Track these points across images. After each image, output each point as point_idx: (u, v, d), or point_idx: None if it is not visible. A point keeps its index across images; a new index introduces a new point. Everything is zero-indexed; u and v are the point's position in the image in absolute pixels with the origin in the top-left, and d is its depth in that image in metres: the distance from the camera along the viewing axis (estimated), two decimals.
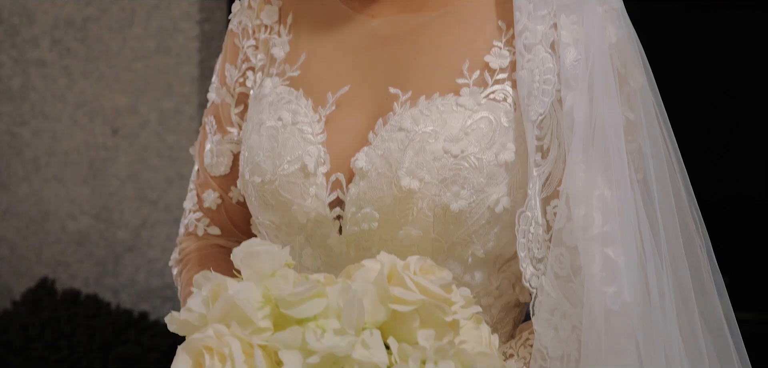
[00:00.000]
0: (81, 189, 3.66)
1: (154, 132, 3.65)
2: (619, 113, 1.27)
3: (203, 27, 3.62)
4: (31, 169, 3.67)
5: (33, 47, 3.64)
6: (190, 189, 1.50)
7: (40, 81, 3.65)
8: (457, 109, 1.27)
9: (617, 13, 1.31)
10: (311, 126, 1.31)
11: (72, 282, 3.63)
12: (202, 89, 3.64)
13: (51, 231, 3.68)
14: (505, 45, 1.30)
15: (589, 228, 1.20)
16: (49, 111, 3.65)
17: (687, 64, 3.49)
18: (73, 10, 3.62)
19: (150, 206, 3.68)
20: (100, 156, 3.66)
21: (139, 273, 3.69)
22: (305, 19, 1.40)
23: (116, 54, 3.62)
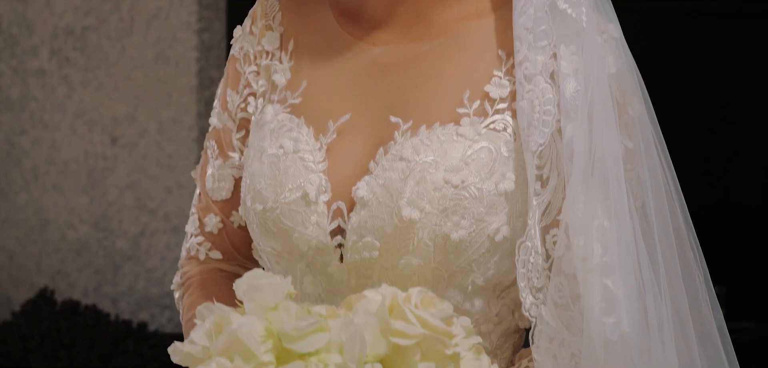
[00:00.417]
0: (80, 198, 3.67)
1: (153, 141, 3.66)
2: (618, 142, 1.28)
3: (202, 37, 3.63)
4: (31, 177, 3.68)
5: (32, 57, 3.65)
6: (192, 213, 1.50)
7: (40, 90, 3.66)
8: (457, 138, 1.28)
9: (616, 43, 1.32)
10: (312, 154, 1.33)
11: (71, 291, 3.64)
12: (201, 98, 3.65)
13: (50, 240, 3.69)
14: (505, 74, 1.31)
15: (588, 258, 1.22)
16: (48, 120, 3.66)
17: (687, 73, 3.50)
18: (72, 19, 3.63)
19: (149, 215, 3.69)
20: (99, 165, 3.67)
21: (138, 282, 3.70)
22: (306, 46, 1.41)
23: (115, 63, 3.64)
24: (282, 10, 1.44)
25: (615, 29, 1.33)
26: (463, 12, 1.35)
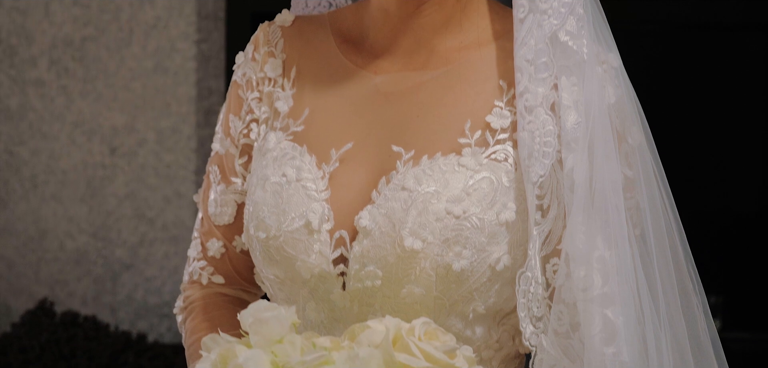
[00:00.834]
0: (79, 208, 3.68)
1: (152, 151, 3.67)
2: (618, 172, 1.29)
3: (200, 47, 3.64)
4: (30, 187, 3.69)
5: (31, 67, 3.66)
6: (194, 237, 1.51)
7: (39, 100, 3.67)
8: (459, 169, 1.29)
9: (616, 72, 1.33)
10: (315, 182, 1.33)
11: (70, 300, 3.65)
12: (200, 108, 3.66)
13: (49, 249, 3.70)
14: (506, 105, 1.32)
15: (588, 289, 1.23)
16: (47, 130, 3.67)
17: (685, 81, 3.52)
18: (71, 30, 3.64)
19: (148, 224, 3.70)
20: (98, 175, 3.67)
21: (137, 291, 3.71)
22: (309, 73, 1.41)
23: (114, 73, 3.64)
24: (284, 36, 1.45)
25: (615, 59, 1.34)
26: (465, 42, 1.37)
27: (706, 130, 3.51)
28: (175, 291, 3.69)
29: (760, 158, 3.51)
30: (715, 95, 3.50)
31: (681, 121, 3.51)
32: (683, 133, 3.52)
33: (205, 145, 3.68)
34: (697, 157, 3.51)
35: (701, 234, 3.55)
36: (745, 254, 3.55)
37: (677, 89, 3.50)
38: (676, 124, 3.51)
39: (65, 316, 3.28)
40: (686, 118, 3.51)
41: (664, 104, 3.50)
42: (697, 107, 3.50)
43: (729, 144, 3.52)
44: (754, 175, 3.53)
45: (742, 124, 3.51)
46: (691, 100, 3.50)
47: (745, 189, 3.54)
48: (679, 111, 3.51)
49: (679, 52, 3.51)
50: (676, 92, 3.50)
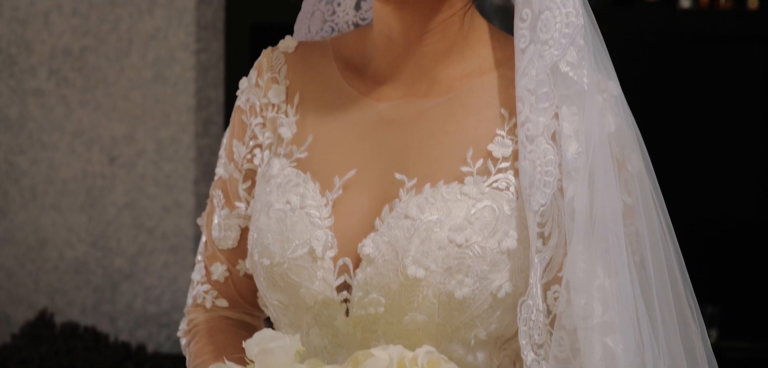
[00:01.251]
0: (78, 218, 3.69)
1: (151, 161, 3.68)
2: (618, 200, 1.31)
3: (200, 57, 3.65)
4: (29, 197, 3.70)
5: (31, 77, 3.67)
6: (198, 261, 1.52)
7: (38, 110, 3.68)
8: (461, 197, 1.31)
9: (616, 100, 1.35)
10: (319, 210, 1.35)
11: (69, 310, 3.66)
12: (199, 118, 3.67)
13: (48, 258, 3.71)
14: (507, 134, 1.34)
15: (588, 318, 1.25)
16: (46, 140, 3.68)
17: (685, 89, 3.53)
18: (70, 40, 3.65)
19: (147, 234, 3.71)
20: (97, 184, 3.68)
21: (136, 300, 3.72)
22: (312, 99, 1.43)
23: (113, 83, 3.65)
24: (287, 63, 1.46)
25: (614, 87, 1.36)
26: (467, 70, 1.38)
27: (704, 138, 3.53)
28: (174, 300, 3.70)
29: (758, 166, 3.53)
30: (714, 103, 3.52)
31: (680, 128, 3.53)
32: (682, 140, 3.53)
33: (204, 154, 3.69)
34: (695, 164, 3.53)
35: (698, 242, 3.56)
36: (743, 262, 3.56)
37: (678, 97, 3.52)
38: (675, 131, 3.53)
39: (65, 327, 3.30)
40: (685, 126, 3.53)
41: (664, 112, 3.52)
42: (696, 115, 3.52)
43: (727, 152, 3.53)
44: (752, 182, 3.54)
45: (740, 131, 3.53)
46: (690, 108, 3.52)
47: (743, 196, 3.56)
48: (678, 118, 3.52)
49: (679, 61, 3.53)
50: (676, 100, 3.52)
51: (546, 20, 1.32)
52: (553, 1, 1.31)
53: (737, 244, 3.57)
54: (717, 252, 3.58)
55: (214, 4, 3.64)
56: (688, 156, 3.55)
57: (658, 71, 3.53)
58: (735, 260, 3.58)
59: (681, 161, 3.55)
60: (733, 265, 3.58)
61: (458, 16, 1.37)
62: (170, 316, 3.71)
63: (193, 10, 3.63)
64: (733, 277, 3.58)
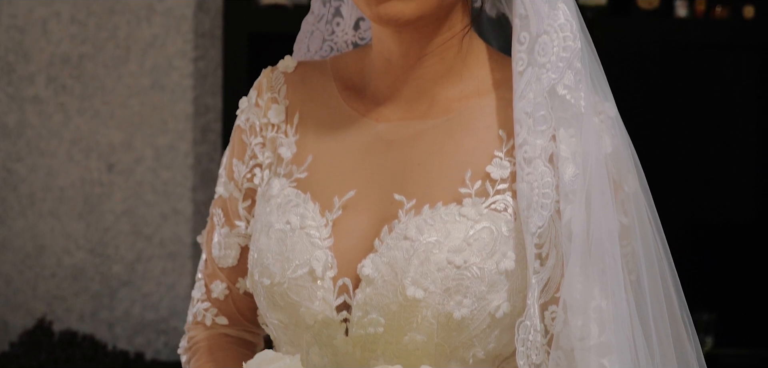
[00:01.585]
0: (76, 225, 3.70)
1: (149, 168, 3.69)
2: (614, 220, 1.32)
3: (197, 64, 3.66)
4: (27, 204, 3.70)
5: (29, 84, 3.67)
6: (198, 279, 1.53)
7: (36, 118, 3.68)
8: (459, 219, 1.32)
9: (612, 121, 1.36)
10: (318, 230, 1.36)
11: (67, 317, 3.67)
12: (197, 126, 3.68)
13: (46, 265, 3.71)
14: (505, 155, 1.35)
15: (585, 339, 1.26)
16: (44, 147, 3.69)
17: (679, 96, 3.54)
18: (68, 47, 3.65)
19: (145, 241, 3.72)
20: (95, 191, 3.69)
21: (135, 307, 3.73)
22: (311, 120, 1.44)
23: (111, 91, 3.66)
24: (287, 82, 1.47)
25: (611, 108, 1.37)
26: (465, 91, 1.39)
27: (700, 145, 3.54)
28: (172, 307, 3.71)
29: (754, 172, 3.54)
30: (710, 111, 3.53)
31: (676, 136, 3.54)
32: (678, 147, 3.55)
33: (202, 161, 3.70)
34: (691, 171, 3.54)
35: (694, 249, 3.57)
36: (738, 268, 3.58)
37: (674, 105, 3.53)
38: (671, 138, 3.54)
39: (64, 336, 3.31)
40: (681, 133, 3.55)
41: (660, 119, 3.53)
42: (691, 122, 3.53)
43: (723, 158, 3.55)
44: (747, 188, 3.56)
45: (735, 139, 3.54)
46: (686, 116, 3.53)
47: (738, 202, 3.57)
48: (674, 126, 3.54)
49: (675, 69, 3.54)
50: (672, 107, 3.53)
51: (543, 44, 1.33)
52: (551, 25, 1.33)
53: (732, 250, 3.59)
54: (712, 259, 3.60)
55: (212, 12, 3.65)
56: (684, 162, 3.57)
57: (655, 79, 3.55)
58: (730, 266, 3.59)
59: (677, 167, 3.56)
60: (729, 272, 3.59)
61: (457, 39, 1.38)
62: (168, 323, 3.72)
63: (191, 18, 3.64)
64: (729, 283, 3.59)
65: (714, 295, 3.56)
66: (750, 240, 3.57)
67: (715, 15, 3.35)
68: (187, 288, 3.70)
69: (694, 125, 3.55)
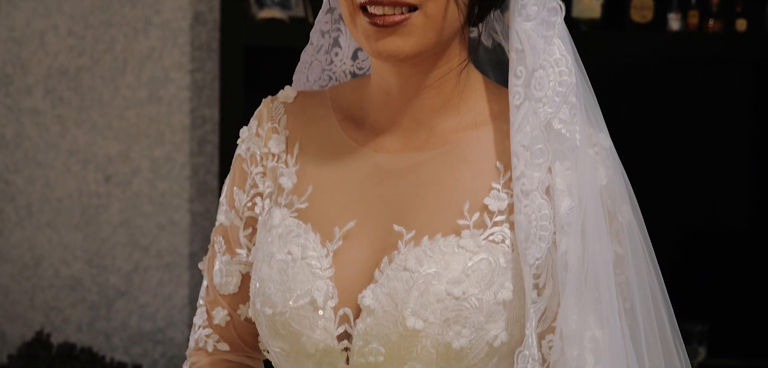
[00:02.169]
0: (74, 236, 3.72)
1: (146, 179, 3.71)
2: (609, 251, 1.35)
3: (194, 76, 3.68)
4: (25, 215, 3.72)
5: (26, 96, 3.69)
6: (200, 305, 1.56)
7: (34, 129, 3.70)
8: (458, 251, 1.34)
9: (606, 152, 1.39)
10: (319, 261, 1.38)
11: (65, 327, 3.68)
12: (194, 137, 3.70)
13: (44, 276, 3.73)
14: (502, 187, 1.38)
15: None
16: (42, 158, 3.70)
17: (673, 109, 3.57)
18: (66, 60, 3.67)
19: (142, 252, 3.74)
20: (92, 203, 3.71)
21: (132, 318, 3.75)
22: (312, 149, 1.46)
23: (108, 103, 3.68)
24: (287, 112, 1.49)
25: (605, 139, 1.40)
26: (462, 122, 1.42)
27: (692, 157, 3.57)
28: (169, 317, 3.73)
29: (747, 184, 3.57)
30: (703, 123, 3.56)
31: (670, 147, 3.57)
32: (671, 159, 3.57)
33: (198, 173, 3.72)
34: (685, 182, 3.57)
35: (687, 261, 3.60)
36: (730, 279, 3.60)
37: (667, 117, 3.56)
38: (665, 150, 3.57)
39: (62, 348, 3.32)
40: (674, 145, 3.57)
41: (654, 131, 3.56)
42: (684, 135, 3.56)
43: (716, 171, 3.57)
44: (741, 200, 3.58)
45: (728, 151, 3.57)
46: (679, 128, 3.56)
47: (730, 214, 3.59)
48: (668, 138, 3.56)
49: (668, 82, 3.57)
50: (666, 120, 3.56)
51: (540, 78, 1.36)
52: (547, 60, 1.35)
53: (725, 261, 3.61)
54: (705, 270, 3.62)
55: (208, 24, 3.67)
56: (677, 172, 3.59)
57: (648, 91, 3.57)
58: (723, 277, 3.61)
59: (671, 177, 3.59)
60: (721, 283, 3.62)
61: (455, 73, 1.41)
62: (165, 333, 3.74)
63: (187, 31, 3.66)
64: (722, 294, 3.62)
65: (707, 305, 3.59)
66: (742, 249, 3.60)
67: (707, 28, 3.38)
68: (184, 299, 3.72)
69: (687, 137, 3.57)
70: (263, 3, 3.48)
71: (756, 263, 3.59)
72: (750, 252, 3.59)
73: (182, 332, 3.73)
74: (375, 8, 1.35)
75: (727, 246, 3.61)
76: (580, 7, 3.37)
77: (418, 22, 1.35)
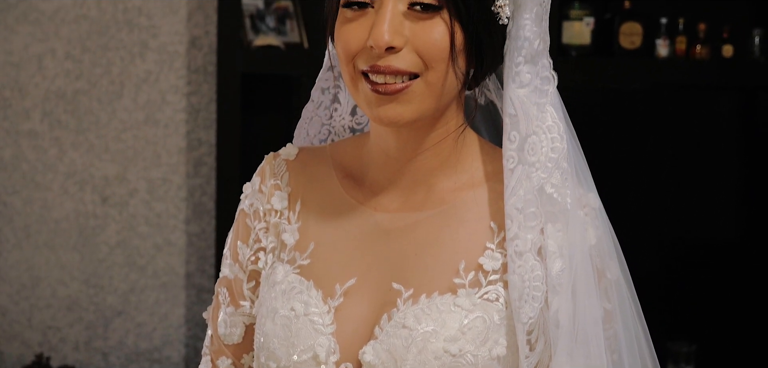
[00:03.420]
0: (71, 256, 3.75)
1: (143, 200, 3.74)
2: (598, 307, 1.41)
3: (190, 99, 3.71)
4: (23, 236, 3.76)
5: (25, 119, 3.73)
6: (204, 354, 1.60)
7: (32, 151, 3.73)
8: (454, 309, 1.40)
9: (595, 212, 1.44)
10: (321, 317, 1.44)
11: (63, 346, 3.72)
12: (189, 159, 3.74)
13: (42, 296, 3.77)
14: (497, 247, 1.43)
15: None
16: (40, 180, 3.74)
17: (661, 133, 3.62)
18: (63, 83, 3.71)
19: (139, 272, 3.77)
20: (89, 223, 3.74)
21: (129, 337, 3.79)
22: (313, 207, 1.51)
23: (105, 125, 3.71)
24: (289, 170, 1.54)
25: (594, 199, 1.46)
26: (458, 182, 1.47)
27: (680, 182, 3.62)
28: (165, 336, 3.77)
29: (735, 204, 3.61)
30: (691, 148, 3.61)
31: (658, 171, 3.62)
32: (660, 183, 3.62)
33: (194, 194, 3.76)
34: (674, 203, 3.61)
35: (674, 282, 3.64)
36: (718, 300, 3.64)
37: (656, 141, 3.61)
38: (653, 174, 3.62)
39: None
40: (663, 170, 3.62)
41: (643, 155, 3.61)
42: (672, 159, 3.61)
43: (705, 194, 3.62)
44: (728, 223, 3.63)
45: (715, 176, 3.62)
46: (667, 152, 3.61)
47: (717, 234, 3.64)
48: (656, 162, 3.61)
49: (657, 107, 3.62)
50: (654, 144, 3.61)
51: (533, 144, 1.41)
52: (539, 127, 1.41)
53: (712, 283, 3.65)
54: (693, 291, 3.66)
55: (204, 48, 3.70)
56: (665, 196, 3.64)
57: (637, 116, 3.62)
58: (710, 298, 3.66)
59: (658, 202, 3.63)
60: (708, 304, 3.66)
61: (452, 136, 1.46)
62: (161, 352, 3.78)
63: (183, 55, 3.70)
64: (709, 315, 3.66)
65: (695, 327, 3.63)
66: (729, 269, 3.64)
67: (694, 54, 3.43)
68: (180, 318, 3.76)
69: (674, 160, 3.62)
70: (259, 29, 3.51)
71: (743, 283, 3.64)
72: (737, 272, 3.64)
73: (178, 351, 3.78)
74: (377, 76, 1.40)
75: (715, 265, 3.66)
76: (571, 34, 3.42)
77: (418, 89, 1.40)
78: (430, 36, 1.38)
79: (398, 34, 1.38)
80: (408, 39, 1.39)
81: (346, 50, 1.42)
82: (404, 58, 1.39)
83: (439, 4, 1.38)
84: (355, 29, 1.41)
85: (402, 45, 1.39)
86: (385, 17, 1.38)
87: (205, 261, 3.70)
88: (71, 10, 3.69)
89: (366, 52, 1.41)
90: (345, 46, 1.42)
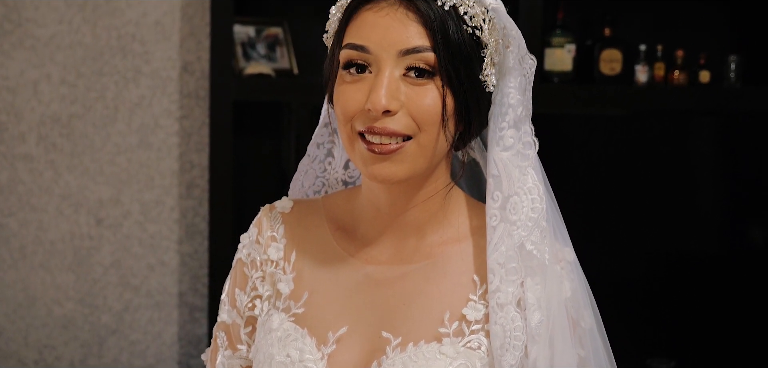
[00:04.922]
0: (66, 276, 3.79)
1: (137, 222, 3.79)
2: (573, 355, 1.51)
3: (183, 123, 3.76)
4: (19, 257, 3.80)
5: (20, 143, 3.77)
6: None
7: (27, 174, 3.78)
8: (440, 356, 1.49)
9: (571, 266, 1.54)
10: (315, 363, 1.53)
11: (58, 365, 3.76)
12: (182, 182, 3.79)
13: (37, 315, 3.81)
14: (479, 299, 1.52)
15: None
16: (35, 202, 3.78)
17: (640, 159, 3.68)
18: (58, 108, 3.75)
19: (132, 292, 3.82)
20: (84, 245, 3.79)
21: (123, 355, 3.84)
22: (307, 258, 1.60)
23: (100, 149, 3.76)
24: (284, 222, 1.63)
25: (569, 253, 1.56)
26: (445, 236, 1.56)
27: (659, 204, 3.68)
28: (158, 354, 3.83)
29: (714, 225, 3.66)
30: (669, 172, 3.67)
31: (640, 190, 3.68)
32: (639, 206, 3.68)
33: (187, 215, 3.81)
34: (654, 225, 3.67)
35: (653, 299, 3.70)
36: (696, 316, 3.70)
37: (634, 167, 3.67)
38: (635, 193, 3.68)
39: None
40: (641, 194, 3.68)
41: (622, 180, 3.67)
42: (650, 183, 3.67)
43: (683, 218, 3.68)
44: (707, 244, 3.69)
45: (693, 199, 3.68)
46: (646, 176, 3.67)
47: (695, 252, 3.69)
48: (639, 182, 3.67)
49: (636, 132, 3.68)
50: (632, 169, 3.67)
51: (514, 204, 1.50)
52: (521, 188, 1.50)
53: (690, 302, 3.72)
54: (672, 309, 3.73)
55: (196, 74, 3.74)
56: (644, 218, 3.70)
57: (617, 140, 3.69)
58: (689, 316, 3.72)
59: (637, 223, 3.70)
60: (687, 322, 3.72)
61: (441, 194, 1.55)
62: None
63: (176, 80, 3.75)
64: (687, 332, 3.72)
65: (674, 344, 3.69)
66: (708, 288, 3.71)
67: (673, 80, 3.50)
68: (173, 336, 3.82)
69: (653, 183, 3.69)
70: (250, 56, 3.57)
71: (720, 303, 3.70)
72: (715, 291, 3.70)
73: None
74: (373, 136, 1.48)
75: (693, 284, 3.71)
76: (553, 61, 3.49)
77: (411, 150, 1.48)
78: (424, 101, 1.46)
79: (394, 98, 1.46)
80: (403, 103, 1.47)
81: (345, 112, 1.49)
82: (399, 120, 1.47)
83: (433, 70, 1.47)
84: (353, 92, 1.48)
85: (398, 109, 1.47)
86: (383, 83, 1.46)
87: (197, 280, 3.76)
88: (66, 36, 3.73)
89: (363, 114, 1.48)
90: (344, 108, 1.50)
